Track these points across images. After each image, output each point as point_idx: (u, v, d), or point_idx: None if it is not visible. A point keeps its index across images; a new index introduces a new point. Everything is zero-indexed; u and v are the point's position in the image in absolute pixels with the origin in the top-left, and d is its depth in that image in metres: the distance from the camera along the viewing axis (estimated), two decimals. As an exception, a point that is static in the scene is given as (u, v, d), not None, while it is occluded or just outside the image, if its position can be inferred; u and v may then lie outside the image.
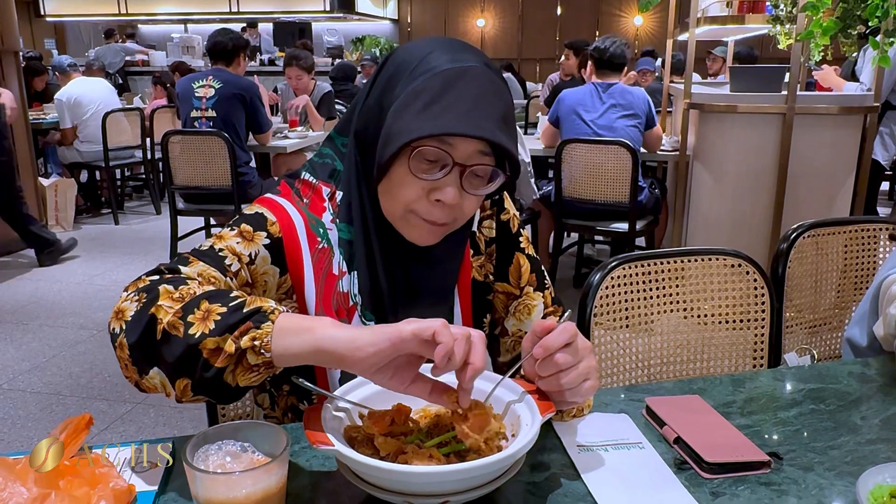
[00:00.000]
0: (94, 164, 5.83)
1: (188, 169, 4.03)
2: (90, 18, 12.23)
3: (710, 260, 1.47)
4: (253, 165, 4.25)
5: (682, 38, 4.38)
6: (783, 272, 1.62)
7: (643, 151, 3.84)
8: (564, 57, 5.68)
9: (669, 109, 4.95)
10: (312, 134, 4.73)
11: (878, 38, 2.84)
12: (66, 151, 5.87)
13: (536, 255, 1.13)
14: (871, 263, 1.74)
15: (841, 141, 3.39)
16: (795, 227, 1.67)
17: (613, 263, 1.41)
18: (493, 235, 1.09)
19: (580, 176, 3.61)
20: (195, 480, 0.69)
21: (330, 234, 0.98)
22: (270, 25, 11.44)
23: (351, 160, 0.98)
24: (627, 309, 1.42)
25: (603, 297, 1.39)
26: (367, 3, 11.75)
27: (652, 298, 1.44)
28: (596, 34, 10.95)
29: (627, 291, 1.42)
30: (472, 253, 1.08)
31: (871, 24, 2.86)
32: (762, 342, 1.48)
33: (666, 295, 1.45)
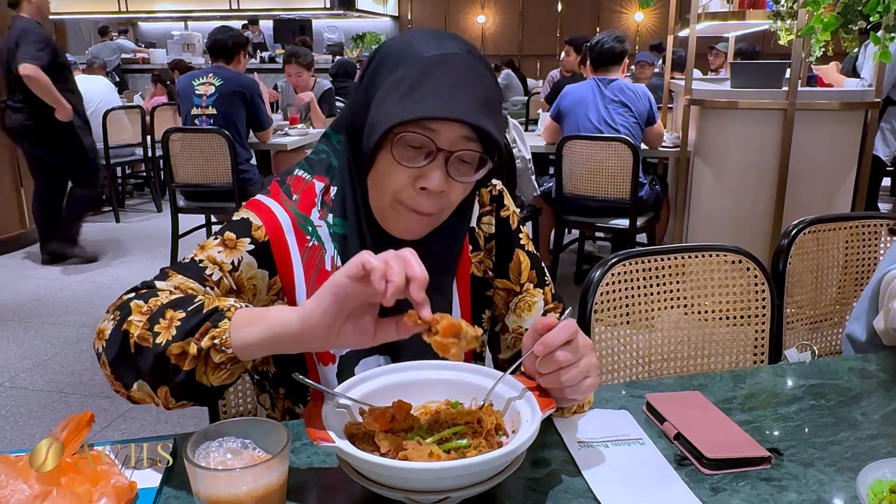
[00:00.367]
0: (94, 162, 5.84)
1: (189, 166, 4.03)
2: (90, 16, 12.23)
3: (710, 256, 1.47)
4: (253, 163, 4.26)
5: (682, 34, 4.38)
6: (784, 268, 1.62)
7: (644, 148, 3.84)
8: (565, 53, 5.67)
9: (670, 106, 4.94)
10: (313, 131, 4.73)
11: (878, 33, 2.84)
12: (66, 149, 5.87)
13: (537, 251, 1.13)
14: (871, 259, 1.74)
15: (842, 137, 3.39)
16: (796, 223, 1.67)
17: (614, 260, 1.41)
18: (492, 231, 1.09)
19: (581, 172, 3.61)
20: (196, 477, 0.70)
21: (319, 230, 0.98)
22: (270, 22, 11.44)
23: (344, 155, 0.99)
24: (628, 305, 1.43)
25: (604, 293, 1.39)
26: (367, -1, 11.76)
27: (653, 295, 1.44)
28: (597, 30, 10.93)
29: (628, 288, 1.42)
30: (471, 249, 1.08)
31: (871, 19, 2.86)
32: (763, 338, 1.48)
33: (667, 291, 1.45)
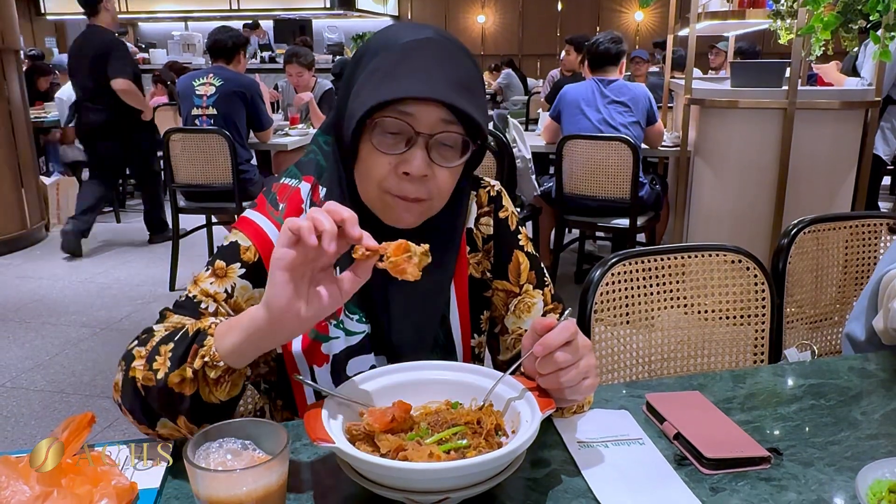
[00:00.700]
0: (95, 162, 5.83)
1: (189, 167, 4.03)
2: (90, 16, 12.21)
3: (710, 256, 1.47)
4: (254, 163, 4.25)
5: (682, 33, 4.38)
6: (784, 268, 1.62)
7: (644, 147, 3.84)
8: (565, 53, 5.68)
9: (670, 105, 4.94)
10: (313, 131, 4.73)
11: (878, 32, 2.84)
12: (67, 150, 5.88)
13: (536, 252, 1.13)
14: (871, 259, 1.74)
15: (842, 136, 3.39)
16: (796, 222, 1.67)
17: (614, 259, 1.41)
18: (490, 233, 1.09)
19: (581, 172, 3.61)
20: (196, 478, 0.70)
21: None
22: (270, 23, 11.43)
23: (332, 155, 0.99)
24: (628, 305, 1.43)
25: (603, 293, 1.39)
26: (367, -1, 11.75)
27: (652, 294, 1.44)
28: (597, 30, 10.94)
29: (628, 287, 1.42)
30: (468, 250, 1.08)
31: (871, 18, 2.86)
32: (763, 338, 1.48)
33: (667, 291, 1.45)
